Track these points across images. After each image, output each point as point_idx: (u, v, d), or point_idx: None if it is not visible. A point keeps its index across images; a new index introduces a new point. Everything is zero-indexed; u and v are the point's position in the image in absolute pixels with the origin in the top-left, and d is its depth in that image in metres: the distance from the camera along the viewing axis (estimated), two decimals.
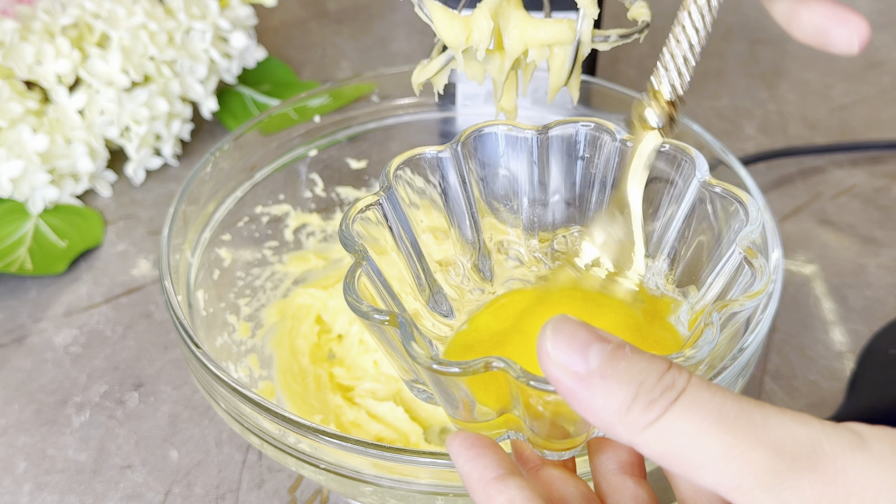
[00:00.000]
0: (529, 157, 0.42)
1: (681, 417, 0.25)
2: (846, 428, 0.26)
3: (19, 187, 0.65)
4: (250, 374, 0.52)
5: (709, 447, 0.25)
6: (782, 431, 0.25)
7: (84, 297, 0.62)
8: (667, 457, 0.26)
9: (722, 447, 0.25)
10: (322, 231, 0.59)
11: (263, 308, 0.56)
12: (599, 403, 0.26)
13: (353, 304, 0.34)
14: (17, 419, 0.55)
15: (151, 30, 0.67)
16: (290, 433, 0.40)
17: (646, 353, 0.27)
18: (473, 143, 0.42)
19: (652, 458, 0.26)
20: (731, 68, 0.85)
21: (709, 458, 0.25)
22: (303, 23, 0.89)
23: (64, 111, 0.66)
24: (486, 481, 0.30)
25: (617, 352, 0.26)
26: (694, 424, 0.25)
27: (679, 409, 0.25)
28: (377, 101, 0.58)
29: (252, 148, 0.54)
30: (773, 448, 0.25)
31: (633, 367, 0.26)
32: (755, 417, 0.25)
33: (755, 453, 0.25)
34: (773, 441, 0.25)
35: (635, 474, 0.35)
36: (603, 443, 0.35)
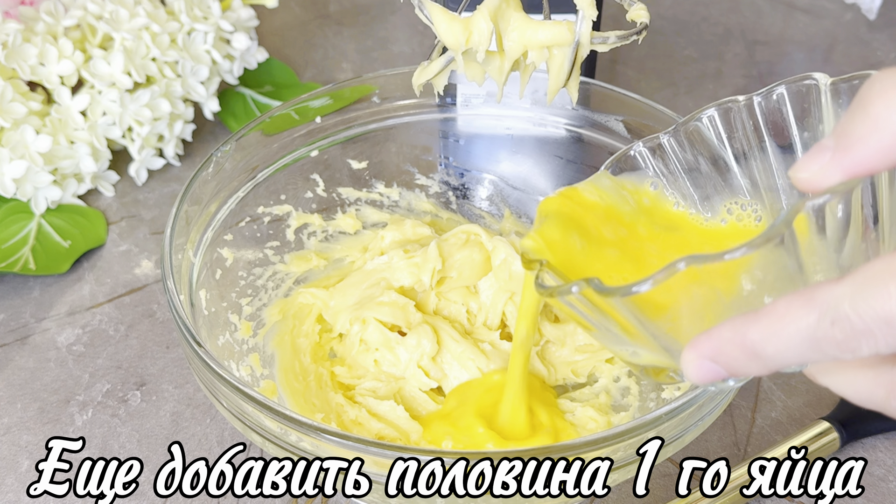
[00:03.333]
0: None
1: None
2: None
3: (22, 187, 0.65)
4: (252, 373, 0.52)
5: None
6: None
7: (87, 297, 0.63)
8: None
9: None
10: (323, 231, 0.60)
11: (265, 307, 0.56)
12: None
13: (545, 293, 0.37)
14: (21, 418, 0.55)
15: (154, 31, 0.67)
16: (292, 431, 0.41)
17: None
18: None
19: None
20: (729, 69, 0.85)
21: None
22: (304, 24, 0.90)
23: (67, 112, 0.66)
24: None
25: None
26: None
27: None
28: (378, 102, 0.58)
29: (254, 148, 0.55)
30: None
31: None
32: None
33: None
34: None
35: None
36: None
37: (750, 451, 0.54)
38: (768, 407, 0.56)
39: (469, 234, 0.58)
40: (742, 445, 0.54)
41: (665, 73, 0.84)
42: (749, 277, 0.33)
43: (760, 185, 0.43)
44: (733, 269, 0.32)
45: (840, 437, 0.52)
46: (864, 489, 0.51)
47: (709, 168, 0.44)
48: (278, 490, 0.51)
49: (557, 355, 0.56)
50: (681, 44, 0.87)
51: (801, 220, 0.32)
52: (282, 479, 0.47)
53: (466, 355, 0.53)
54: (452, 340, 0.54)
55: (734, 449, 0.54)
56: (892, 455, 0.53)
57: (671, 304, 0.34)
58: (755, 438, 0.54)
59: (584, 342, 0.56)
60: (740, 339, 0.31)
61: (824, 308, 0.29)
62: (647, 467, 0.42)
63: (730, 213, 0.44)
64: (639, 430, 0.40)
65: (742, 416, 0.55)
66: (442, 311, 0.57)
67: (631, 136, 0.56)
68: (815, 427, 0.53)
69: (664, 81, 0.83)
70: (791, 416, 0.56)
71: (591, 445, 0.40)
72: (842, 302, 0.29)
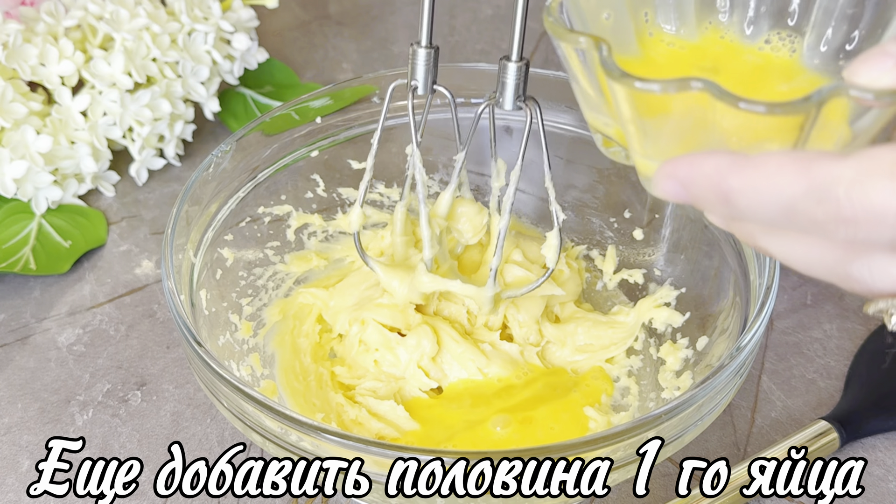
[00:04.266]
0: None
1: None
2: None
3: (23, 187, 0.65)
4: (252, 373, 0.53)
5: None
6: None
7: (87, 297, 0.63)
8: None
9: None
10: (324, 231, 0.60)
11: (265, 307, 0.56)
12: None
13: (552, 26, 0.35)
14: (21, 418, 0.56)
15: (154, 32, 0.67)
16: (292, 431, 0.41)
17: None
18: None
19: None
20: None
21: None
22: (304, 25, 0.90)
23: (67, 112, 0.66)
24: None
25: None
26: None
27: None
28: (378, 102, 0.58)
29: (254, 148, 0.55)
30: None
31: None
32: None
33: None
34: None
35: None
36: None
37: (750, 451, 0.54)
38: (768, 407, 0.56)
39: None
40: (742, 445, 0.54)
41: None
42: (752, 128, 0.31)
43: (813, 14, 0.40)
44: (741, 115, 0.30)
45: (840, 437, 0.52)
46: (864, 489, 0.52)
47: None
48: (278, 490, 0.51)
49: (558, 355, 0.56)
50: None
51: (837, 105, 0.30)
52: (282, 479, 0.47)
53: (466, 356, 0.53)
54: (452, 341, 0.54)
55: (734, 449, 0.54)
56: (891, 455, 0.53)
57: (665, 110, 0.33)
58: (755, 438, 0.54)
59: (585, 342, 0.56)
60: (718, 180, 0.30)
61: (816, 183, 0.28)
62: (647, 467, 0.42)
63: (767, 43, 0.41)
64: (638, 430, 0.40)
65: (742, 416, 0.55)
66: (442, 312, 0.57)
67: None
68: (814, 427, 0.53)
69: None
70: (791, 416, 0.56)
71: (591, 445, 0.40)
72: (837, 184, 0.27)
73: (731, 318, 0.50)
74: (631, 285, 0.58)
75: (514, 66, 0.47)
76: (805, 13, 0.40)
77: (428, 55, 0.49)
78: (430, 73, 0.50)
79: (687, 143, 0.33)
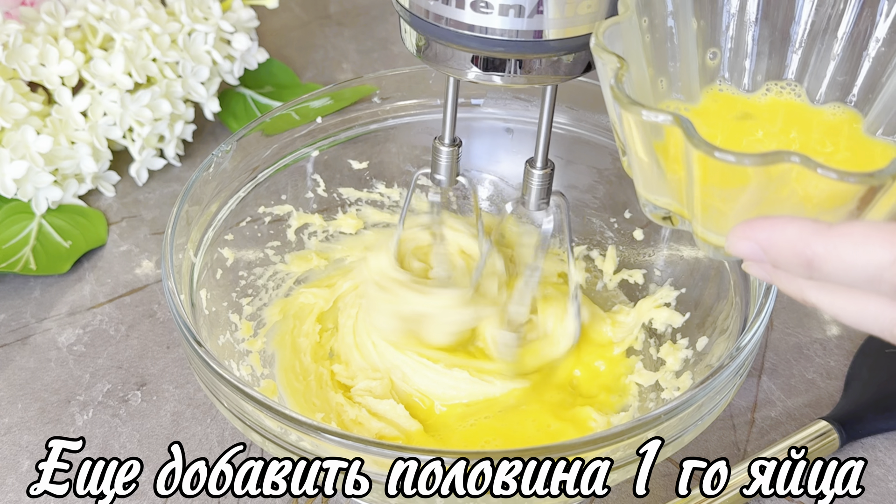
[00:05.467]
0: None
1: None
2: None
3: (23, 188, 0.65)
4: (252, 373, 0.53)
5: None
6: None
7: (87, 297, 0.63)
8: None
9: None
10: (324, 231, 0.60)
11: (265, 307, 0.56)
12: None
13: (619, 97, 0.34)
14: (21, 418, 0.56)
15: (154, 32, 0.67)
16: (292, 431, 0.41)
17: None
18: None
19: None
20: None
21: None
22: (304, 25, 0.90)
23: (67, 112, 0.66)
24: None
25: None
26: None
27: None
28: (378, 102, 0.58)
29: (254, 149, 0.55)
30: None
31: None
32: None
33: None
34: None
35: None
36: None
37: (750, 451, 0.54)
38: (768, 407, 0.56)
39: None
40: (742, 445, 0.54)
41: None
42: (831, 195, 0.32)
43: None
44: (826, 184, 0.32)
45: (840, 437, 0.52)
46: (864, 489, 0.52)
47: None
48: (278, 490, 0.51)
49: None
50: None
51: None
52: (282, 479, 0.47)
53: (461, 385, 0.53)
54: (436, 373, 0.54)
55: (734, 449, 0.54)
56: (891, 455, 0.53)
57: (744, 182, 0.33)
58: (755, 438, 0.54)
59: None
60: (803, 245, 0.31)
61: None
62: (647, 467, 0.42)
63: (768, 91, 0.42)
64: (638, 430, 0.40)
65: (742, 416, 0.55)
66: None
67: None
68: (814, 427, 0.53)
69: None
70: (791, 416, 0.56)
71: (590, 445, 0.40)
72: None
73: (731, 319, 0.50)
74: (631, 285, 0.58)
75: (538, 174, 0.49)
76: (867, 97, 0.41)
77: (451, 153, 0.50)
78: (453, 169, 0.51)
79: (758, 210, 0.34)
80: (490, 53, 0.39)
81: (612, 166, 0.57)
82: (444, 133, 0.50)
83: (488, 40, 0.39)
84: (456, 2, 0.38)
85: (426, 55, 0.41)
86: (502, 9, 0.37)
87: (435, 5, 0.39)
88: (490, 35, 0.38)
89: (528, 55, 0.39)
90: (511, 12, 0.37)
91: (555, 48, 0.39)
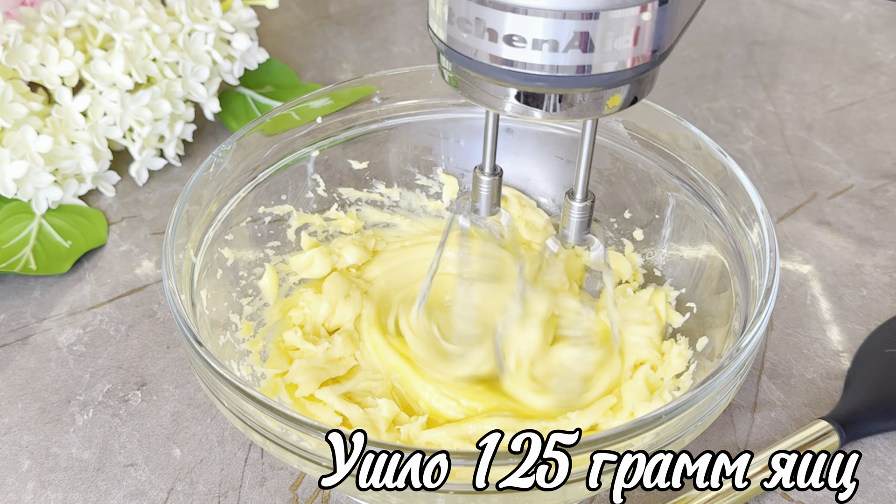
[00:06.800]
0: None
1: None
2: None
3: (23, 188, 0.65)
4: (252, 373, 0.53)
5: None
6: None
7: (88, 297, 0.63)
8: None
9: None
10: (324, 231, 0.60)
11: (266, 307, 0.56)
12: None
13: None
14: (21, 418, 0.56)
15: (154, 32, 0.67)
16: (293, 431, 0.41)
17: None
18: None
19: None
20: (728, 70, 0.85)
21: None
22: (304, 25, 0.90)
23: (67, 112, 0.66)
24: None
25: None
26: None
27: None
28: (378, 102, 0.58)
29: (255, 149, 0.55)
30: None
31: None
32: None
33: None
34: None
35: None
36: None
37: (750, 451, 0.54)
38: (768, 407, 0.56)
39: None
40: (742, 445, 0.54)
41: (664, 73, 0.84)
42: None
43: None
44: None
45: (840, 437, 0.52)
46: (857, 482, 0.52)
47: None
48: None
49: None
50: (680, 44, 0.87)
51: None
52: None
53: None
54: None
55: (734, 449, 0.54)
56: (891, 455, 0.53)
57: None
58: (755, 438, 0.54)
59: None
60: None
61: None
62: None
63: None
64: (639, 431, 0.40)
65: (742, 416, 0.55)
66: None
67: (631, 136, 0.56)
68: (814, 427, 0.53)
69: (664, 81, 0.83)
70: (791, 416, 0.56)
71: (591, 445, 0.40)
72: None
73: (731, 319, 0.50)
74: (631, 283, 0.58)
75: (579, 206, 0.47)
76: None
77: (491, 182, 0.49)
78: (492, 198, 0.50)
79: None
80: (523, 87, 0.38)
81: (611, 166, 0.58)
82: (485, 162, 0.48)
83: (523, 74, 0.37)
84: (489, 35, 0.37)
85: (462, 88, 0.40)
86: (535, 43, 0.36)
87: (468, 38, 0.37)
88: (526, 70, 0.37)
89: (565, 90, 0.38)
90: (545, 46, 0.36)
91: (595, 83, 0.38)
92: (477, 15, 0.36)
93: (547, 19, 0.35)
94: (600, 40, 0.36)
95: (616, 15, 0.35)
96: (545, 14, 0.35)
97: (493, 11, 0.35)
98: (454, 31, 0.37)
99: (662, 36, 0.37)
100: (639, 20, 0.36)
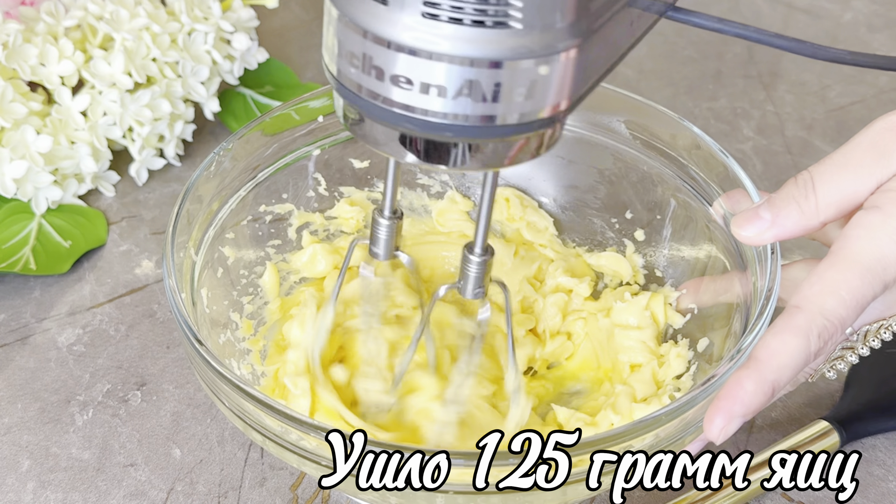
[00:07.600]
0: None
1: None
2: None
3: (23, 187, 0.65)
4: (253, 371, 0.53)
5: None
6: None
7: (87, 297, 0.63)
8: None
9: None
10: (325, 230, 0.60)
11: (266, 306, 0.56)
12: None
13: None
14: (21, 418, 0.56)
15: (154, 32, 0.67)
16: (293, 430, 0.41)
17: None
18: None
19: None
20: (728, 69, 0.85)
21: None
22: (304, 25, 0.90)
23: (67, 112, 0.66)
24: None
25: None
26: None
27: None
28: None
29: (255, 147, 0.55)
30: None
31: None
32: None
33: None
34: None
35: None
36: None
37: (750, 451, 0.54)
38: (768, 407, 0.56)
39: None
40: (742, 445, 0.54)
41: (665, 73, 0.84)
42: None
43: None
44: None
45: (840, 437, 0.52)
46: (858, 482, 0.52)
47: None
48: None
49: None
50: (680, 44, 0.87)
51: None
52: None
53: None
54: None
55: (734, 449, 0.54)
56: (891, 455, 0.53)
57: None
58: (755, 438, 0.54)
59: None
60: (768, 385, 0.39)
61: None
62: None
63: None
64: (639, 431, 0.40)
65: None
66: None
67: (632, 136, 0.56)
68: (814, 427, 0.53)
69: (664, 81, 0.83)
70: (791, 416, 0.56)
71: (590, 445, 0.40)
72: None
73: (731, 320, 0.50)
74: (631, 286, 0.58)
75: (477, 261, 0.43)
76: None
77: (391, 226, 0.46)
78: (391, 242, 0.47)
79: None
80: (421, 135, 0.35)
81: (612, 166, 0.57)
82: (385, 204, 0.45)
83: (417, 120, 0.34)
84: (376, 74, 0.34)
85: (355, 131, 0.37)
86: (423, 87, 0.33)
87: (362, 77, 0.34)
88: (419, 115, 0.34)
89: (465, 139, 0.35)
90: (433, 91, 0.33)
91: (496, 133, 0.35)
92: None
93: (439, 63, 0.33)
94: (501, 90, 0.33)
95: (522, 65, 0.33)
96: (440, 59, 0.33)
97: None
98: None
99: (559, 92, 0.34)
100: (534, 73, 0.33)
